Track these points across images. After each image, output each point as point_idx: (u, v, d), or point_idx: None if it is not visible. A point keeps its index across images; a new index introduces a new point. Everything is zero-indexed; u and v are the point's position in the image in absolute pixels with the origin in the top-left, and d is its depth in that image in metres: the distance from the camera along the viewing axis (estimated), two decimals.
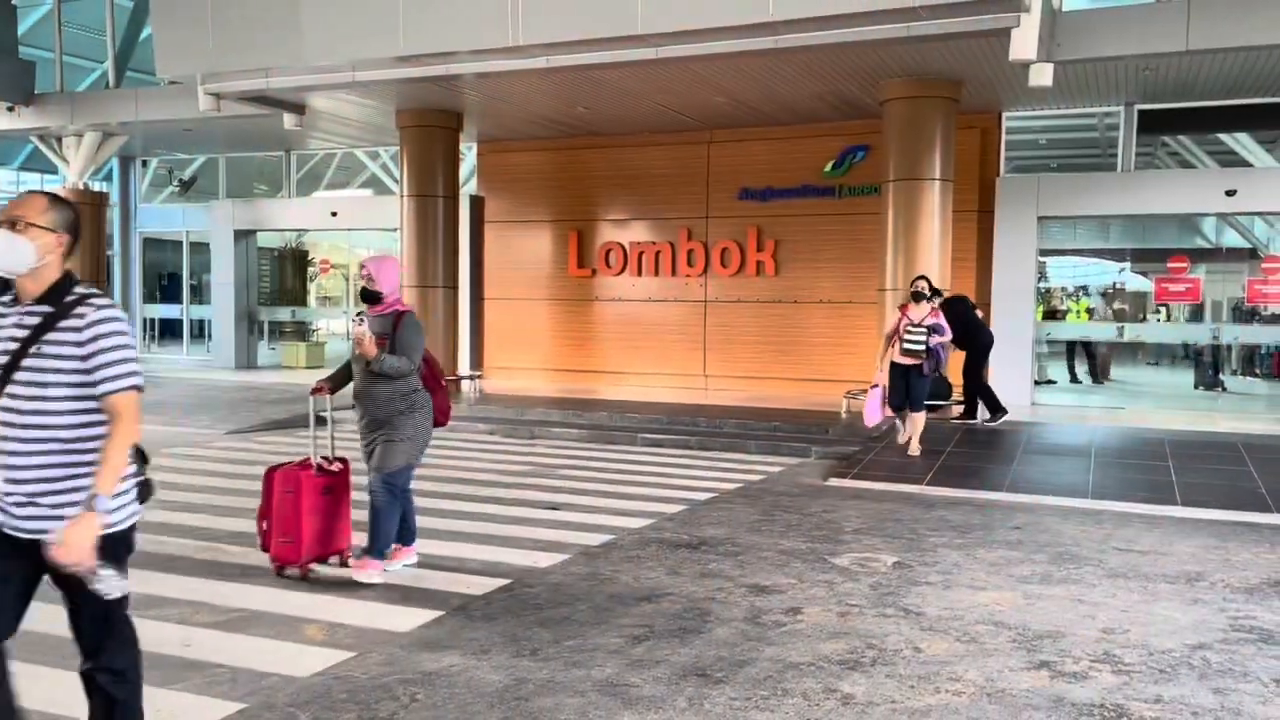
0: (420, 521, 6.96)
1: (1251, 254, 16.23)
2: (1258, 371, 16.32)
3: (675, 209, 15.04)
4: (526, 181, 16.01)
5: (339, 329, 22.09)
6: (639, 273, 15.33)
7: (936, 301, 9.76)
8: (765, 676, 4.14)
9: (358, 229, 18.23)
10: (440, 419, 5.71)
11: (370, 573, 5.37)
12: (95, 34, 18.06)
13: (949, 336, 9.46)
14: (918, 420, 9.55)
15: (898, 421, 9.88)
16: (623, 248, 15.41)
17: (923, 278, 9.75)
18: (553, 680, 4.06)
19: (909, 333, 9.31)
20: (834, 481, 8.80)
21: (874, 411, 9.53)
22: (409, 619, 4.83)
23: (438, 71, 10.85)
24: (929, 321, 9.32)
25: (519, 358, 16.17)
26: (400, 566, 5.68)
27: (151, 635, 4.56)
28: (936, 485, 8.54)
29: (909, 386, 9.46)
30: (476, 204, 16.20)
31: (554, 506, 7.61)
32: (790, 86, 11.84)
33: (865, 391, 12.10)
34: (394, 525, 5.53)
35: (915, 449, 9.50)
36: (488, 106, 13.50)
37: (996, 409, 10.94)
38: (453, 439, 11.34)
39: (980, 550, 6.38)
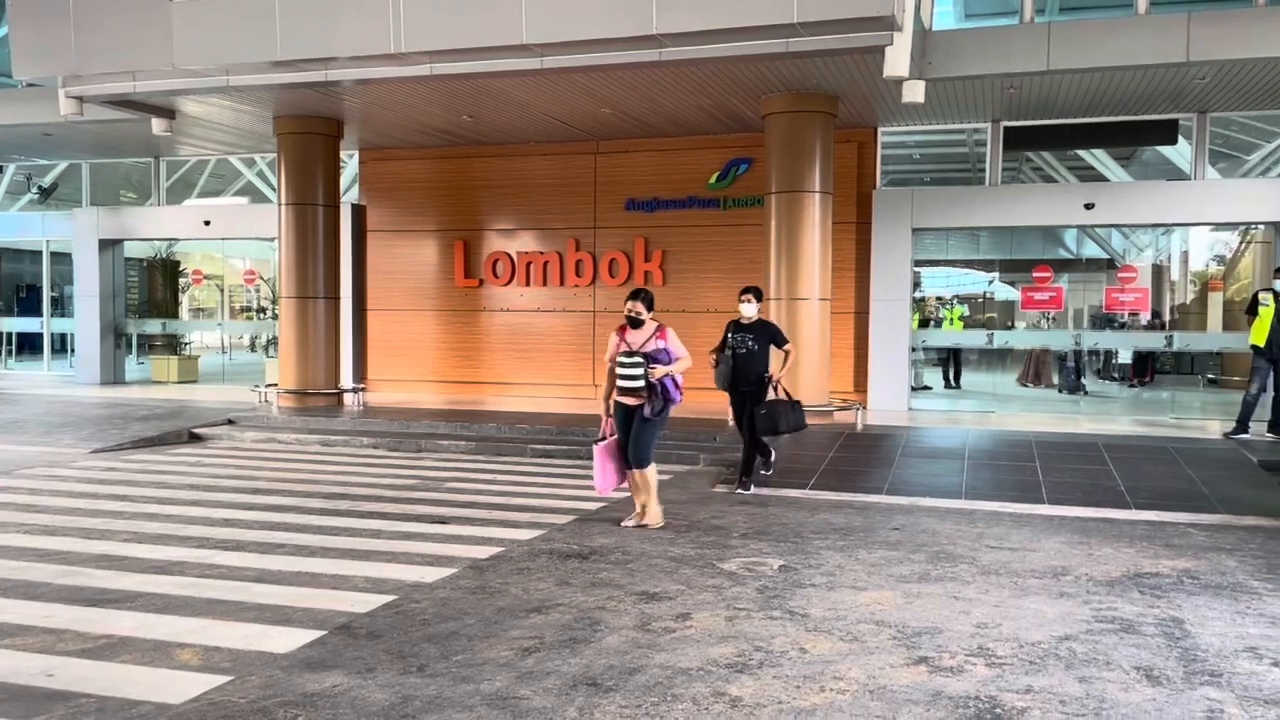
0: (302, 539, 6.80)
1: (1109, 264, 17.18)
2: (1115, 376, 17.28)
3: (563, 219, 15.04)
4: (411, 190, 15.76)
5: (213, 342, 21.33)
6: (527, 283, 15.26)
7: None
8: (655, 683, 4.16)
9: (233, 238, 17.62)
10: None
11: None
12: None
13: (681, 365, 7.24)
14: (646, 480, 7.22)
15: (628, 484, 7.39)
16: (510, 258, 15.32)
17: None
18: (440, 696, 4.00)
19: (621, 364, 7.11)
20: (721, 488, 8.92)
21: (604, 475, 7.23)
22: (289, 639, 4.68)
23: (316, 77, 10.59)
24: (650, 347, 7.13)
25: (404, 370, 15.89)
26: None
27: (10, 665, 4.31)
28: (820, 489, 8.75)
29: (628, 434, 7.18)
30: (358, 213, 15.87)
31: (442, 520, 7.49)
32: (675, 99, 11.99)
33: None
34: None
35: (654, 519, 7.23)
36: (369, 113, 13.25)
37: (767, 455, 9.14)
38: (336, 454, 11.07)
39: (862, 551, 6.55)
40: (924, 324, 16.18)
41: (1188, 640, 4.79)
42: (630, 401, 7.18)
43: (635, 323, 7.30)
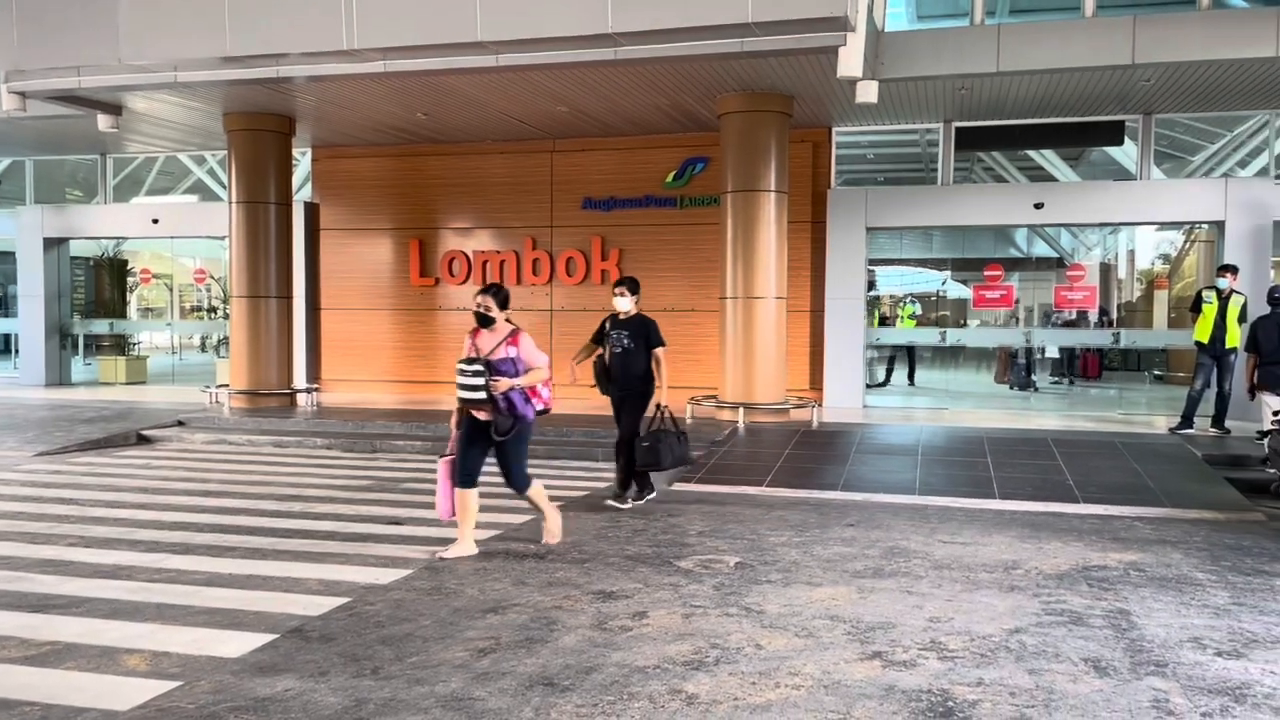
0: (254, 541, 6.70)
1: (1058, 263, 17.49)
2: (1065, 372, 17.60)
3: (520, 218, 14.98)
4: (365, 188, 15.61)
5: (162, 342, 20.96)
6: (484, 281, 15.16)
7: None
8: (611, 682, 4.16)
9: (182, 237, 17.32)
10: None
11: None
12: None
13: (532, 377, 6.26)
14: (534, 499, 6.61)
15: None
16: (466, 256, 15.23)
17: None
18: (395, 699, 3.96)
19: (460, 371, 6.31)
20: (678, 486, 8.93)
21: (444, 496, 6.33)
22: (240, 644, 4.61)
23: (267, 74, 10.44)
24: (499, 354, 6.25)
25: (359, 370, 15.73)
26: None
27: None
28: (776, 487, 8.80)
29: (488, 454, 6.36)
30: (311, 211, 15.68)
31: (397, 521, 7.43)
32: (631, 98, 12.00)
33: (710, 397, 12.45)
34: None
35: (554, 533, 6.68)
36: (322, 110, 13.10)
37: (645, 486, 8.06)
38: (288, 455, 10.93)
39: (817, 548, 6.61)
40: (883, 322, 16.36)
41: (1134, 632, 4.88)
42: (481, 416, 6.22)
43: (484, 320, 6.32)
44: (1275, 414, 8.55)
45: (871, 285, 15.64)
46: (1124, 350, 16.80)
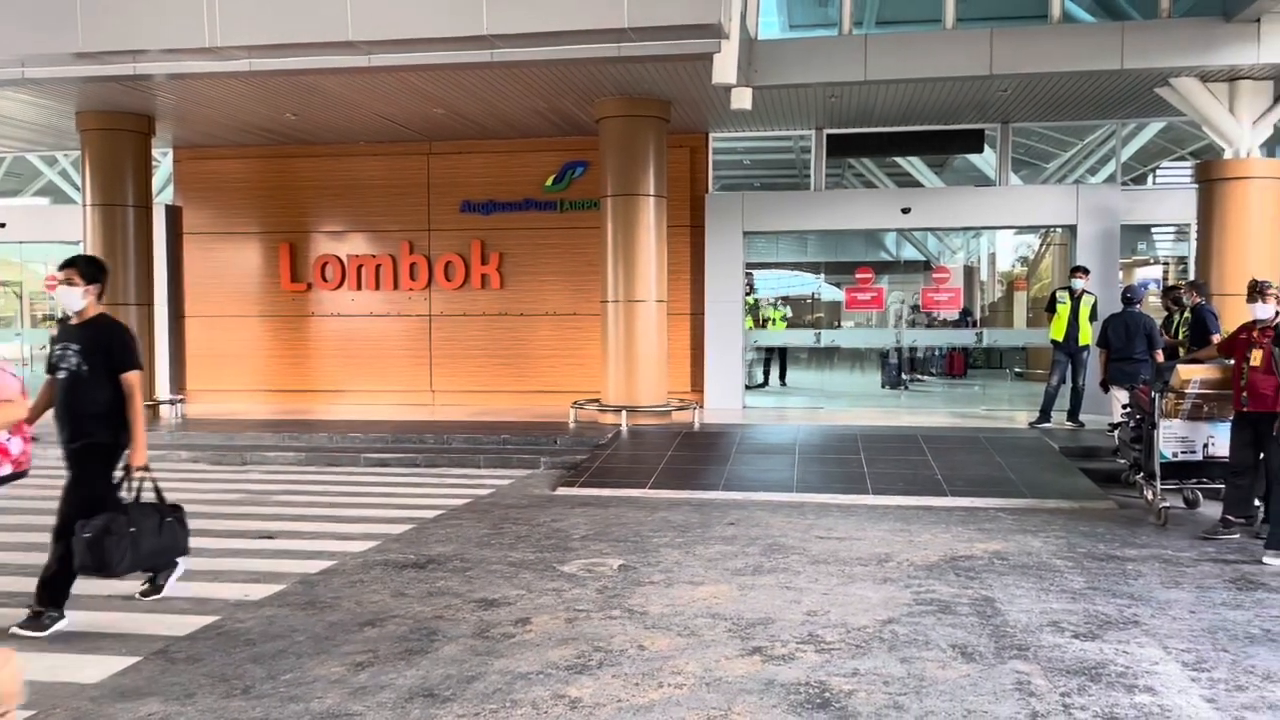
0: None
1: (925, 265, 18.15)
2: (933, 371, 18.30)
3: (395, 221, 14.68)
4: (231, 190, 15.03)
5: (11, 353, 19.74)
6: (358, 286, 14.81)
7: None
8: (494, 690, 4.11)
9: (32, 242, 16.32)
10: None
11: None
12: None
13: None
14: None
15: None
16: (340, 261, 14.83)
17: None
18: (267, 718, 3.82)
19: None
20: (562, 490, 8.91)
21: None
22: (100, 668, 4.37)
23: (123, 71, 9.95)
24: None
25: (227, 379, 15.13)
26: None
27: None
28: (659, 488, 8.86)
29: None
30: (173, 214, 15.02)
31: (268, 535, 7.18)
32: (509, 101, 11.91)
33: (593, 400, 12.46)
34: None
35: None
36: (184, 110, 12.55)
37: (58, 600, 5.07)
38: (152, 469, 10.42)
39: (699, 547, 6.68)
40: (763, 324, 16.68)
41: (998, 618, 5.10)
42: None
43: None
44: (1125, 407, 9.06)
45: (750, 289, 15.95)
46: (987, 349, 17.57)
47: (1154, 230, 16.42)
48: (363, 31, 9.07)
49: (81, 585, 5.75)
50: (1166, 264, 16.87)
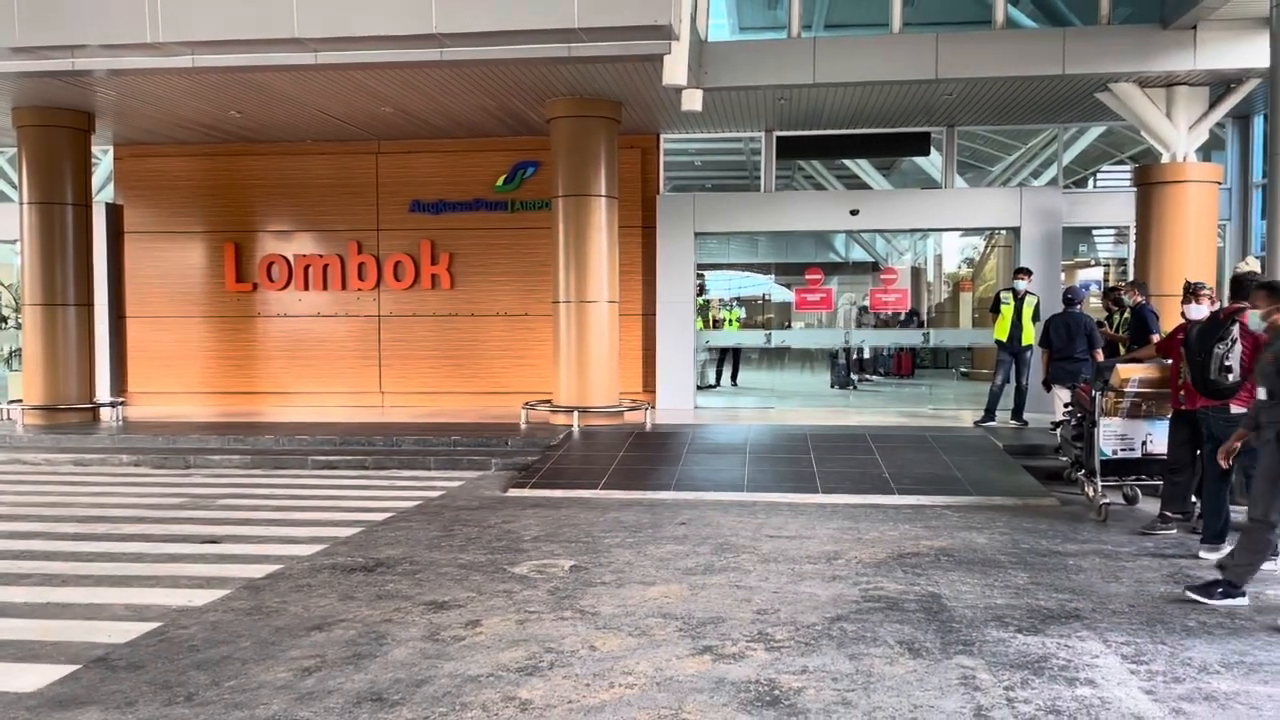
0: (51, 567, 6.23)
1: (874, 267, 18.38)
2: (881, 371, 18.52)
3: (344, 220, 14.50)
4: (174, 189, 14.74)
5: None
6: (305, 287, 14.60)
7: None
8: (444, 693, 4.08)
9: None
10: None
11: None
12: None
13: None
14: None
15: None
16: (287, 260, 14.61)
17: None
18: None
19: None
20: (514, 492, 8.87)
21: None
22: (35, 677, 4.26)
23: (61, 66, 9.72)
24: None
25: (170, 381, 14.84)
26: None
27: None
28: (610, 489, 8.86)
29: None
30: (114, 213, 14.70)
31: (213, 539, 7.05)
32: (459, 100, 11.83)
33: (544, 401, 12.42)
34: None
35: None
36: (125, 106, 12.29)
37: None
38: (90, 473, 10.20)
39: (650, 547, 6.69)
40: (716, 325, 16.76)
41: (944, 614, 5.18)
42: None
43: None
44: (1066, 406, 9.25)
45: (702, 290, 16.01)
46: (934, 349, 17.83)
47: (1095, 232, 16.81)
48: (309, 28, 8.96)
49: (13, 592, 5.61)
50: (1107, 266, 17.26)
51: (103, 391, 13.88)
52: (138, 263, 14.84)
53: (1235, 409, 6.27)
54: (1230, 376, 6.17)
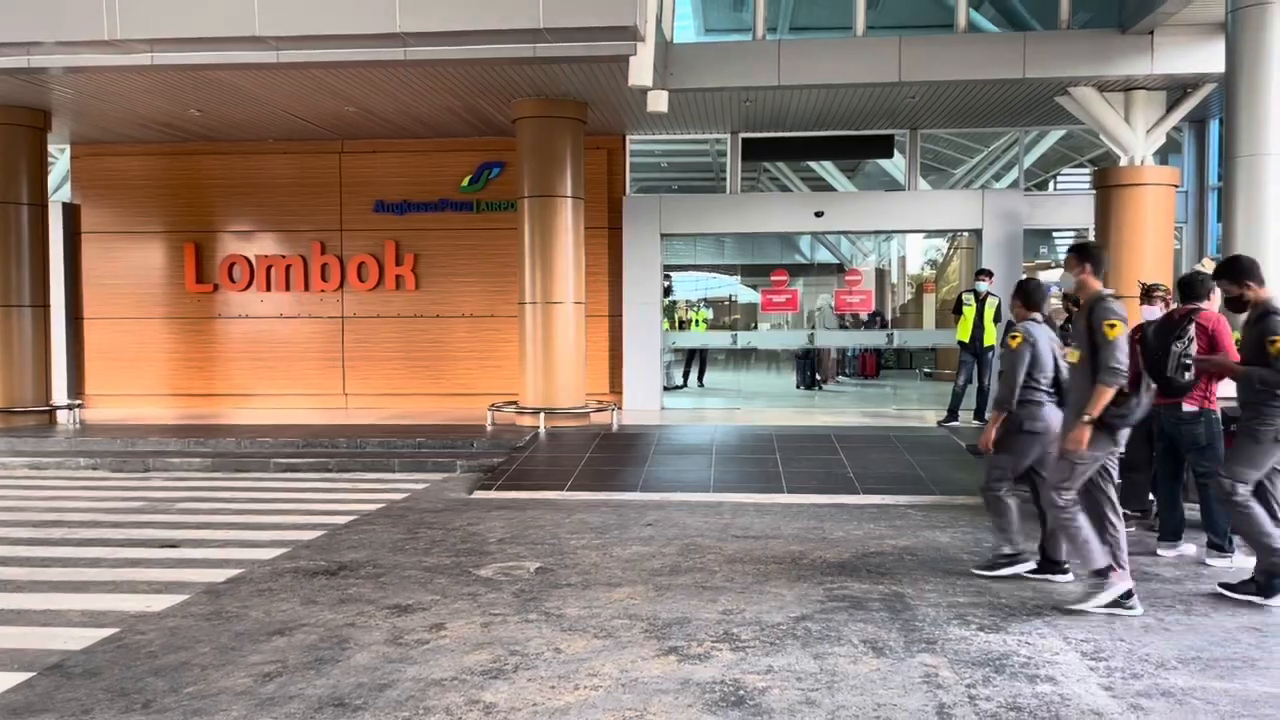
0: (4, 573, 6.10)
1: (839, 268, 18.49)
2: (846, 372, 18.64)
3: (307, 221, 14.36)
4: (133, 189, 14.52)
5: None
6: (268, 288, 14.44)
7: None
8: (407, 697, 4.05)
9: None
10: None
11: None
12: None
13: None
14: None
15: None
16: (249, 261, 14.44)
17: None
18: None
19: None
20: (479, 494, 8.82)
21: None
22: None
23: (17, 63, 9.55)
24: None
25: (129, 383, 14.62)
26: None
27: None
28: (577, 490, 8.84)
29: None
30: (71, 213, 14.47)
31: (172, 544, 6.95)
32: (423, 100, 11.75)
33: (510, 403, 12.37)
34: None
35: None
36: (83, 104, 12.08)
37: None
38: (46, 476, 10.02)
39: (616, 549, 6.68)
40: (682, 326, 16.78)
41: (908, 613, 5.22)
42: None
43: None
44: None
45: (668, 291, 16.02)
46: (898, 350, 17.97)
47: (1055, 234, 17.03)
48: (271, 26, 8.87)
49: None
50: None
51: (59, 394, 13.64)
52: (95, 263, 14.61)
53: (1187, 407, 6.38)
54: (1187, 375, 6.27)
